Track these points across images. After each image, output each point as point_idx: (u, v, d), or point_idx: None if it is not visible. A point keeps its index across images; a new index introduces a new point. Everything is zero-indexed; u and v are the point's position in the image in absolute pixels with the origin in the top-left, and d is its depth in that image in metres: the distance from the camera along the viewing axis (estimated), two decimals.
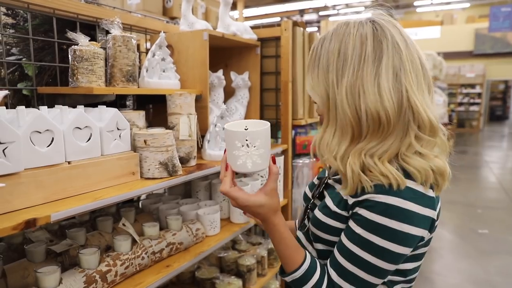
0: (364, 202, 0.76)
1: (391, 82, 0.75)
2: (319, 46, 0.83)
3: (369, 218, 0.75)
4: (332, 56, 0.79)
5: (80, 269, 1.05)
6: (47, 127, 0.94)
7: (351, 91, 0.77)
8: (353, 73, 0.77)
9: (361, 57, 0.77)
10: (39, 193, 0.92)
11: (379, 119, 0.75)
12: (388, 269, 0.77)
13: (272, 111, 2.04)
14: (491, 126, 15.94)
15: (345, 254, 0.79)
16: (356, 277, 0.78)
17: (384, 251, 0.74)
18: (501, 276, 3.20)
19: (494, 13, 10.41)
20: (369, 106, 0.75)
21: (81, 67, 1.17)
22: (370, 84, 0.76)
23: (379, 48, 0.77)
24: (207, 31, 1.53)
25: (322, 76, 0.81)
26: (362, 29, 0.79)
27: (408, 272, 0.84)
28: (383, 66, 0.76)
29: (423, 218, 0.74)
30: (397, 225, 0.73)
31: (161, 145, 1.19)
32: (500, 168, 7.75)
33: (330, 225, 0.83)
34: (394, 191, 0.73)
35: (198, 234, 1.44)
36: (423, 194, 0.75)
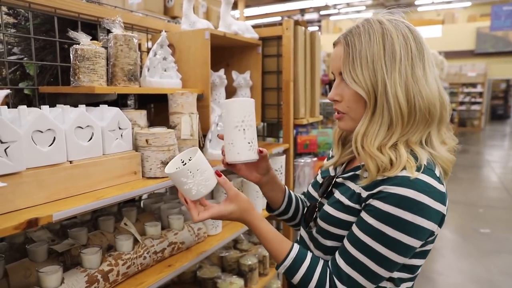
0: (377, 193, 0.78)
1: (434, 77, 0.84)
2: (355, 40, 0.84)
3: (382, 209, 0.77)
4: (378, 52, 0.82)
5: (82, 268, 1.05)
6: (49, 127, 0.94)
7: (405, 85, 0.81)
8: (405, 69, 0.81)
9: (408, 54, 0.82)
10: (40, 192, 0.92)
11: (429, 112, 0.82)
12: (397, 261, 0.78)
13: (274, 110, 2.04)
14: (492, 125, 15.91)
15: (356, 244, 0.80)
16: (365, 267, 0.79)
17: (395, 242, 0.76)
18: (503, 276, 3.19)
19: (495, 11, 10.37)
20: (424, 100, 0.81)
21: (83, 67, 1.17)
22: (420, 79, 0.81)
23: (420, 47, 0.83)
24: (208, 30, 1.53)
25: (367, 71, 0.82)
26: (400, 28, 0.84)
27: (415, 268, 0.85)
28: (426, 63, 0.83)
29: (435, 212, 0.76)
30: (410, 217, 0.75)
31: (163, 144, 1.19)
32: (501, 167, 7.74)
33: (342, 219, 0.85)
34: (408, 183, 0.75)
35: (200, 234, 1.43)
36: (435, 188, 0.77)
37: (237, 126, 0.93)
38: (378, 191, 0.78)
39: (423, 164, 0.78)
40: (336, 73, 0.90)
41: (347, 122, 0.90)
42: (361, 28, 0.85)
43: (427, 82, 0.82)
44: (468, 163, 8.09)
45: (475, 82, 13.71)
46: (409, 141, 0.82)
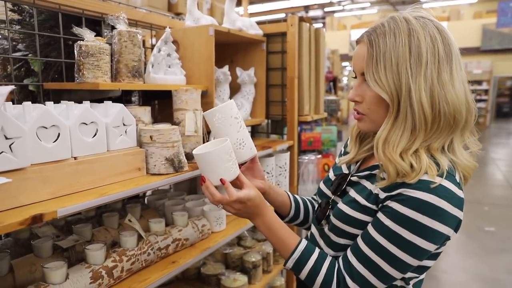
0: (397, 196, 0.78)
1: (461, 82, 0.80)
2: (379, 41, 0.81)
3: (400, 212, 0.76)
4: (403, 54, 0.78)
5: (87, 264, 1.05)
6: (53, 123, 0.94)
7: (430, 90, 0.78)
8: (431, 74, 0.78)
9: (435, 57, 0.78)
10: (45, 188, 0.92)
11: (454, 118, 0.79)
12: (411, 264, 0.78)
13: (278, 107, 2.03)
14: (498, 123, 15.78)
15: (371, 244, 0.80)
16: (378, 267, 0.79)
17: (411, 245, 0.76)
18: (508, 274, 3.17)
19: (502, 8, 10.27)
20: (449, 105, 0.78)
21: (87, 63, 1.17)
22: (447, 84, 0.78)
23: (448, 50, 0.80)
24: (212, 26, 1.52)
25: (391, 73, 0.79)
26: (428, 28, 0.80)
27: (425, 269, 0.86)
28: (454, 67, 0.80)
29: (453, 217, 0.75)
30: (428, 222, 0.74)
31: (167, 141, 1.18)
32: (507, 165, 7.68)
33: (358, 218, 0.85)
34: (429, 188, 0.74)
35: (204, 230, 1.44)
36: (455, 194, 0.76)
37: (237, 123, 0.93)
38: (397, 193, 0.77)
39: (445, 170, 0.77)
40: (358, 73, 0.87)
41: (366, 123, 0.88)
42: (386, 27, 0.81)
43: (454, 87, 0.78)
44: None
45: (481, 79, 13.61)
46: (430, 147, 0.80)
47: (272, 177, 1.79)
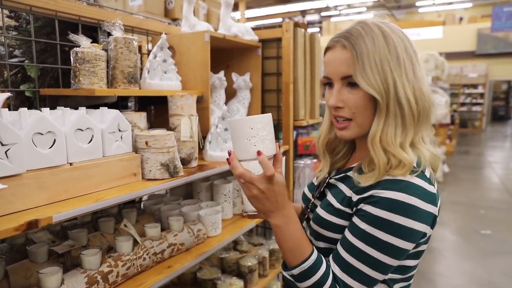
0: (369, 198, 0.78)
1: (426, 79, 0.86)
2: (360, 43, 0.82)
3: (374, 214, 0.77)
4: (384, 55, 0.81)
5: (82, 269, 1.05)
6: (49, 129, 0.95)
7: (413, 86, 0.82)
8: (409, 71, 0.83)
9: (408, 56, 0.83)
10: (41, 194, 0.92)
11: (429, 111, 0.84)
12: (391, 264, 0.79)
13: (274, 112, 2.04)
14: (493, 126, 15.89)
15: (349, 250, 0.80)
16: (359, 272, 0.79)
17: (388, 246, 0.76)
18: (505, 277, 3.19)
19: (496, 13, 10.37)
20: (426, 99, 0.83)
21: (83, 69, 1.18)
22: (421, 79, 0.84)
23: (413, 50, 0.85)
24: (208, 32, 1.53)
25: (378, 73, 0.81)
26: (395, 32, 0.85)
27: (408, 269, 0.85)
28: (418, 65, 0.85)
29: (426, 213, 0.76)
30: (402, 220, 0.75)
31: (163, 146, 1.19)
32: (503, 168, 7.73)
33: (333, 222, 0.86)
34: (398, 187, 0.76)
35: (200, 235, 1.44)
36: (426, 190, 0.77)
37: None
38: (369, 195, 0.78)
39: (420, 166, 0.80)
40: (337, 77, 0.86)
41: (353, 129, 0.87)
42: (361, 30, 0.83)
43: (425, 82, 0.85)
44: (469, 164, 8.08)
45: (476, 83, 13.71)
46: (414, 141, 0.84)
47: None
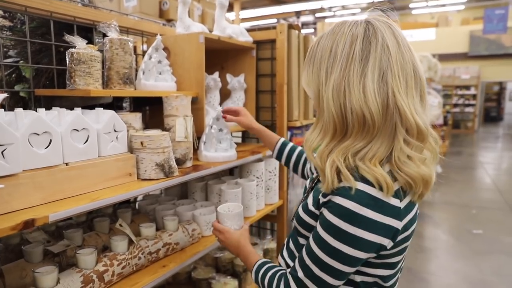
0: (327, 202, 0.78)
1: (376, 83, 0.75)
2: (316, 44, 0.85)
3: (327, 219, 0.76)
4: (325, 54, 0.81)
5: (78, 269, 1.06)
6: (45, 129, 0.95)
7: (337, 88, 0.78)
8: (340, 71, 0.78)
9: (349, 56, 0.78)
10: (37, 194, 0.93)
11: (364, 119, 0.76)
12: (343, 270, 0.77)
13: (268, 113, 2.06)
14: (486, 127, 16.05)
15: (307, 251, 0.81)
16: (313, 274, 0.80)
17: (338, 252, 0.75)
18: (496, 276, 3.23)
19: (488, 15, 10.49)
20: (354, 105, 0.76)
21: (79, 70, 1.19)
22: (356, 83, 0.76)
23: (367, 49, 0.77)
24: (203, 34, 1.55)
25: (316, 73, 0.83)
26: (355, 29, 0.79)
27: (385, 278, 0.84)
28: (370, 67, 0.76)
29: (381, 225, 0.74)
30: (351, 229, 0.73)
31: (158, 146, 1.21)
32: (494, 169, 7.82)
33: (306, 221, 0.87)
34: (352, 196, 0.73)
35: (194, 235, 1.45)
36: (384, 202, 0.74)
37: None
38: (328, 200, 0.78)
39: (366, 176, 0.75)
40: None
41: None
42: (326, 31, 0.84)
43: (364, 86, 0.75)
44: (461, 164, 8.16)
45: (469, 84, 13.84)
46: (348, 151, 0.78)
47: (262, 182, 1.82)
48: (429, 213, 4.91)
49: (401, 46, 0.78)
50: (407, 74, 0.77)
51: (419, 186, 0.77)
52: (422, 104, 0.79)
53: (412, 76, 0.78)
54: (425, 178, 0.77)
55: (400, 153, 0.76)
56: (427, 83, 4.96)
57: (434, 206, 5.24)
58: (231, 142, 1.60)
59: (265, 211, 1.83)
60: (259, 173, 1.79)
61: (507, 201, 5.38)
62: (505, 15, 10.24)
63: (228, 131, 1.59)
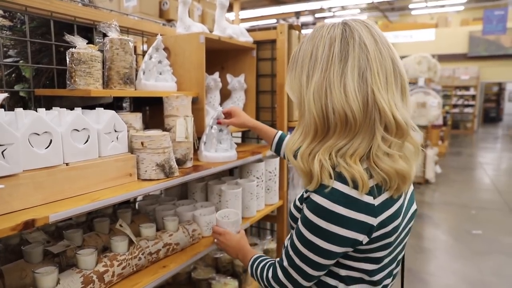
0: (306, 198, 0.83)
1: (356, 82, 0.77)
2: (298, 48, 0.88)
3: (305, 214, 0.81)
4: (306, 58, 0.84)
5: (78, 269, 1.06)
6: (46, 129, 0.95)
7: (318, 90, 0.80)
8: (321, 73, 0.80)
9: (329, 58, 0.80)
10: (37, 194, 0.93)
11: (346, 118, 0.78)
12: (319, 262, 0.82)
13: (268, 113, 2.06)
14: (485, 127, 16.08)
15: (291, 243, 0.87)
16: (294, 263, 0.86)
17: (312, 245, 0.80)
18: (495, 276, 3.23)
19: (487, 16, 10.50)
20: (336, 105, 0.78)
21: (79, 70, 1.18)
22: (336, 83, 0.78)
23: (345, 49, 0.79)
24: (203, 34, 1.55)
25: (297, 77, 0.85)
26: (332, 32, 0.82)
27: (370, 272, 0.85)
28: (349, 66, 0.78)
29: (354, 222, 0.76)
30: (324, 224, 0.78)
31: (158, 147, 1.20)
32: (494, 169, 7.83)
33: (295, 215, 0.92)
34: (325, 193, 0.77)
35: (195, 235, 1.45)
36: (357, 199, 0.76)
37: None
38: (307, 196, 0.83)
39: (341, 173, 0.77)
40: None
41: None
42: (307, 36, 0.87)
43: (344, 86, 0.77)
44: (461, 165, 8.18)
45: (468, 85, 13.86)
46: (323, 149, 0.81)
47: (262, 182, 1.82)
48: (429, 213, 4.92)
49: (378, 43, 0.79)
50: (386, 70, 0.78)
51: (394, 181, 0.79)
52: (403, 99, 0.81)
53: (391, 72, 0.79)
54: (401, 173, 0.78)
55: (378, 150, 0.78)
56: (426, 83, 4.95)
57: (433, 207, 5.25)
58: (231, 142, 1.59)
59: (265, 212, 1.83)
60: (259, 173, 1.79)
61: (506, 202, 5.39)
62: (504, 16, 10.25)
63: (228, 132, 1.59)
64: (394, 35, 11.33)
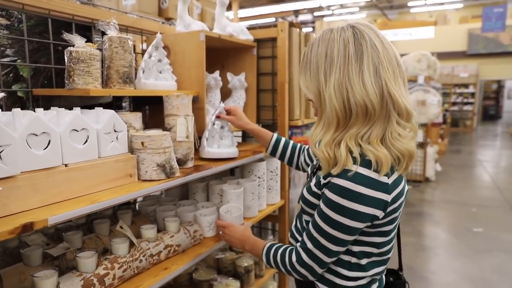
0: (327, 183, 0.93)
1: (373, 77, 0.89)
2: (309, 51, 0.98)
3: (329, 197, 0.91)
4: (321, 59, 0.94)
5: (78, 272, 1.04)
6: (44, 130, 0.93)
7: (339, 86, 0.91)
8: (339, 72, 0.91)
9: (345, 57, 0.90)
10: (36, 196, 0.91)
11: (366, 108, 0.90)
12: (344, 238, 0.93)
13: (269, 112, 2.04)
14: (484, 125, 16.09)
15: (314, 226, 0.96)
16: (320, 243, 0.95)
17: (339, 224, 0.91)
18: (496, 274, 3.22)
19: (486, 13, 10.48)
20: (357, 98, 0.89)
21: (77, 69, 1.16)
22: (356, 79, 0.89)
23: (360, 49, 0.90)
24: (203, 32, 1.52)
25: (314, 77, 0.95)
26: (344, 34, 0.92)
27: (379, 244, 0.99)
28: (365, 64, 0.89)
29: (373, 199, 0.88)
30: (349, 204, 0.88)
31: (158, 146, 1.18)
32: (493, 167, 7.82)
33: (311, 201, 1.01)
34: (349, 176, 0.88)
35: (196, 236, 1.43)
36: (374, 179, 0.88)
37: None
38: (327, 181, 0.93)
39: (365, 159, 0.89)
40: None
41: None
42: (316, 39, 0.97)
43: (363, 81, 0.89)
44: (460, 163, 8.17)
45: (467, 82, 13.85)
46: (348, 137, 0.91)
47: (264, 182, 1.80)
48: (429, 211, 4.91)
49: (384, 44, 0.92)
50: (393, 66, 0.92)
51: (406, 159, 0.92)
52: (405, 89, 0.95)
53: (396, 67, 0.92)
54: (412, 152, 0.93)
55: (394, 132, 0.91)
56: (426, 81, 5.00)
57: (434, 205, 5.24)
58: (233, 139, 1.59)
59: (267, 211, 1.81)
60: (261, 173, 1.77)
61: (506, 199, 5.38)
62: (503, 13, 10.23)
63: (229, 129, 1.58)
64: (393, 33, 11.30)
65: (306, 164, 1.37)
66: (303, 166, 1.41)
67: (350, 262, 0.99)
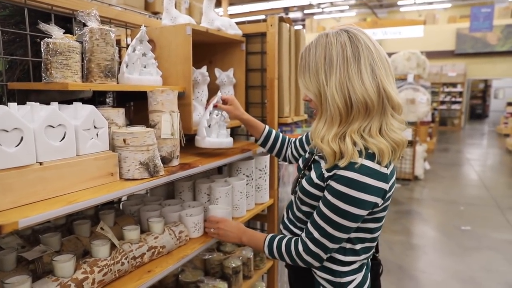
0: (333, 175, 1.00)
1: (370, 76, 0.99)
2: (307, 54, 1.05)
3: (336, 188, 0.98)
4: (320, 61, 1.02)
5: (54, 277, 0.98)
6: (15, 125, 0.87)
7: (340, 86, 0.99)
8: (340, 72, 0.99)
9: (344, 59, 0.99)
10: (7, 197, 0.84)
11: (366, 104, 0.98)
12: (350, 226, 1.01)
13: (258, 108, 1.99)
14: (471, 124, 16.32)
15: (320, 215, 1.03)
16: (326, 232, 1.03)
17: (346, 213, 0.99)
18: (484, 272, 3.24)
19: (474, 13, 10.59)
20: (358, 95, 0.98)
21: (55, 61, 1.10)
22: (355, 79, 0.98)
23: (356, 51, 0.99)
24: (190, 25, 1.47)
25: (314, 78, 1.03)
26: (340, 38, 1.01)
27: (372, 230, 1.08)
28: (362, 65, 0.99)
29: (377, 189, 0.97)
30: (356, 194, 0.96)
31: (141, 144, 1.13)
32: (481, 165, 7.92)
33: (312, 192, 1.08)
34: (355, 168, 0.96)
35: (182, 237, 1.38)
36: (377, 170, 0.97)
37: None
38: (333, 173, 1.00)
39: (368, 151, 0.97)
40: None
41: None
42: (312, 43, 1.05)
43: (362, 80, 0.98)
44: (448, 161, 8.25)
45: (455, 82, 14.01)
46: (352, 131, 0.99)
47: (252, 180, 1.75)
48: (418, 209, 4.93)
49: (375, 45, 1.02)
50: (385, 65, 1.02)
51: (400, 148, 1.01)
52: (395, 85, 1.05)
53: (387, 65, 1.02)
54: (404, 142, 1.02)
55: (389, 124, 1.01)
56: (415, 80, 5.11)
57: (422, 203, 5.27)
58: (227, 130, 1.59)
59: (256, 211, 1.77)
60: (249, 171, 1.73)
61: (493, 197, 5.45)
62: (491, 13, 10.36)
63: (225, 118, 1.58)
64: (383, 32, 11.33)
65: (293, 156, 1.46)
66: (290, 158, 1.49)
67: (345, 248, 1.08)
